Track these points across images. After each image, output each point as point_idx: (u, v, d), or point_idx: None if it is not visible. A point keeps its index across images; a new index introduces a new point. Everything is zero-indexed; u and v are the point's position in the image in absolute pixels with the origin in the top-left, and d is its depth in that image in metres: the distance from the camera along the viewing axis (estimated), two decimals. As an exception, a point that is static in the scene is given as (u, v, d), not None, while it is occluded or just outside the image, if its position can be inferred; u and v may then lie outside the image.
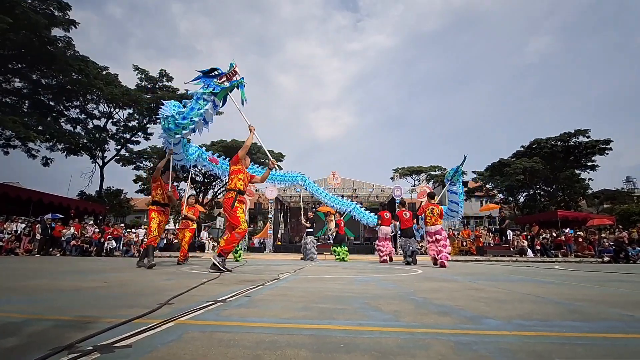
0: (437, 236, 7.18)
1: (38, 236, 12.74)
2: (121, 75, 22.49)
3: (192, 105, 4.68)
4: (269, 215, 19.21)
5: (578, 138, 26.31)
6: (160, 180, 5.85)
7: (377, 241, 9.33)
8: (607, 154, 25.73)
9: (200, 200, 27.54)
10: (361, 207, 13.08)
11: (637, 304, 2.33)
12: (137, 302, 2.13)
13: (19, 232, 13.06)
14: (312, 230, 10.26)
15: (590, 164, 26.71)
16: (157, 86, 23.56)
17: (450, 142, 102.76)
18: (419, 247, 21.06)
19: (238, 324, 1.55)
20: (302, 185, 12.71)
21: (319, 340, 1.29)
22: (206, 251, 15.47)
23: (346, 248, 10.36)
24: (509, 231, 15.93)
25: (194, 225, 7.63)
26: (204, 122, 4.77)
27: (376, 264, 8.08)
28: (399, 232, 8.53)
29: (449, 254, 7.26)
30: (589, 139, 25.87)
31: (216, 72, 4.66)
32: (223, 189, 26.65)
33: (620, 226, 16.95)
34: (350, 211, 12.64)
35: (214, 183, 28.30)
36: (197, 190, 28.35)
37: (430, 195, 7.46)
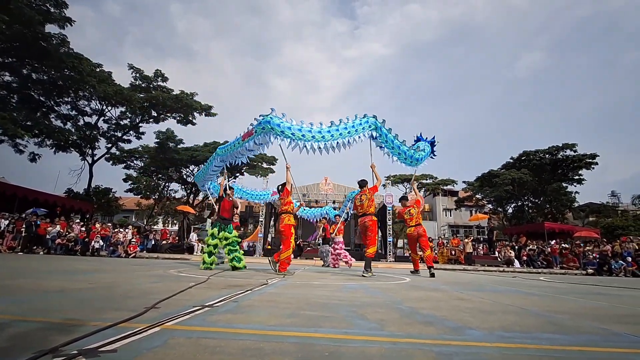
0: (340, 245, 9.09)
1: (23, 233, 12.43)
2: (116, 73, 22.21)
3: (424, 156, 7.08)
4: (260, 219, 19.11)
5: (565, 152, 26.92)
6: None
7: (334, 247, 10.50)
8: (593, 168, 26.38)
9: (191, 202, 27.27)
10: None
11: (615, 317, 2.41)
12: (123, 305, 2.12)
13: (2, 228, 12.71)
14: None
15: (576, 177, 27.34)
16: (151, 86, 23.37)
17: (442, 152, 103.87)
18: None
19: (224, 330, 1.56)
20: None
21: (304, 348, 1.31)
22: (195, 253, 15.25)
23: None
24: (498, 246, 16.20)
25: None
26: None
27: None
28: (321, 241, 10.17)
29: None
30: (576, 153, 26.50)
31: (435, 146, 7.40)
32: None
33: (605, 239, 17.34)
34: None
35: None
36: (188, 191, 28.08)
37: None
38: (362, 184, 6.46)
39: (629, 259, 12.09)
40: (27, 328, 1.46)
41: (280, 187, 6.10)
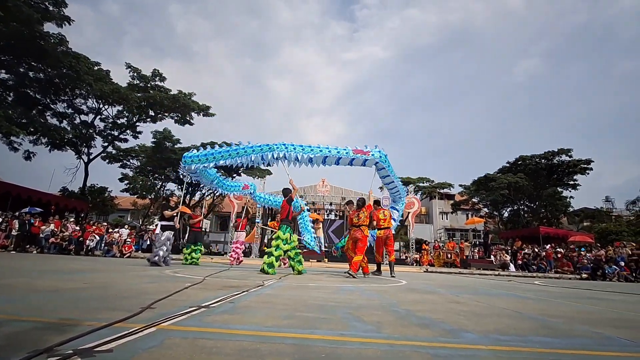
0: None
1: (15, 232, 12.30)
2: (114, 72, 22.09)
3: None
4: (257, 220, 19.08)
5: (561, 157, 27.18)
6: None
7: (233, 245, 9.95)
8: (588, 173, 26.66)
9: (187, 202, 27.12)
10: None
11: (607, 321, 2.43)
12: (119, 305, 2.10)
13: (-5, 227, 12.57)
14: (171, 224, 7.53)
15: (571, 182, 27.59)
16: (149, 85, 23.29)
17: (438, 156, 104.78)
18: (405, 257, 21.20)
19: (221, 331, 1.56)
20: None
21: (301, 349, 1.31)
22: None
23: (201, 248, 8.88)
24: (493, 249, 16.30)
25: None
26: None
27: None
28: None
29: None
30: (571, 158, 26.76)
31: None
32: (210, 191, 26.28)
33: (599, 244, 17.48)
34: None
35: (201, 185, 27.92)
36: (185, 191, 27.92)
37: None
38: (379, 202, 7.71)
39: (622, 263, 12.20)
40: (22, 327, 1.45)
41: (361, 203, 6.82)
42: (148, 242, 15.91)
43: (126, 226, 17.85)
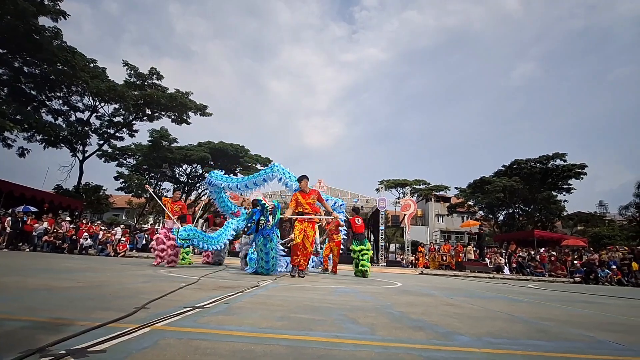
0: None
1: (8, 229, 12.16)
2: (111, 69, 21.97)
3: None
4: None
5: (555, 161, 27.45)
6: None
7: None
8: (582, 178, 26.94)
9: (183, 202, 27.01)
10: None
11: (599, 325, 2.46)
12: (112, 304, 2.09)
13: (-13, 224, 12.41)
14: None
15: (566, 186, 27.86)
16: (146, 83, 23.16)
17: (435, 158, 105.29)
18: (401, 259, 21.25)
19: (215, 332, 1.55)
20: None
21: (295, 351, 1.31)
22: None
23: (189, 249, 8.25)
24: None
25: None
26: None
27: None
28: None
29: None
30: (566, 162, 27.03)
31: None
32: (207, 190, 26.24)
33: (592, 248, 17.65)
34: None
35: (198, 184, 27.84)
36: (181, 190, 27.79)
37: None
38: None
39: (614, 267, 12.33)
40: (14, 327, 1.43)
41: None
42: (143, 242, 15.81)
43: (122, 225, 17.71)
